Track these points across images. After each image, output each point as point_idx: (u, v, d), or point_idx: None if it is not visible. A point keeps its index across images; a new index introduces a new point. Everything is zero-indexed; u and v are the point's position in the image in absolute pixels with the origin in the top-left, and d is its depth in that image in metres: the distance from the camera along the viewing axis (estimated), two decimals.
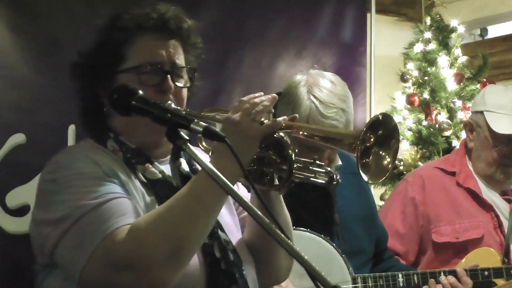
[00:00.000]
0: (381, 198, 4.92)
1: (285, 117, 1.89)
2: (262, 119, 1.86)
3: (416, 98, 5.04)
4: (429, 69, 5.07)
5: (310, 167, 1.92)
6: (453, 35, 5.17)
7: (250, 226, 2.07)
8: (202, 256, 1.90)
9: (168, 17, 2.04)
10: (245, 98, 1.90)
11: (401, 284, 3.04)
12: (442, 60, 5.06)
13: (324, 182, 1.92)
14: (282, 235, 1.54)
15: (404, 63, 5.34)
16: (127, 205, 1.83)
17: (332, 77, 2.82)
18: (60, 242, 1.82)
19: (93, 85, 2.03)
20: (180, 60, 2.05)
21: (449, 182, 3.51)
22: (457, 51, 5.16)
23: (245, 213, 2.11)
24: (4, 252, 3.39)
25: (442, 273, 3.10)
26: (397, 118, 5.03)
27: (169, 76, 2.00)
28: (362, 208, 3.06)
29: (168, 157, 2.08)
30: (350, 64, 4.66)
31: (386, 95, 5.24)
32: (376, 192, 4.84)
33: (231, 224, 2.09)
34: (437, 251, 3.41)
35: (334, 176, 1.90)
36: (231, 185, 1.61)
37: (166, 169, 2.04)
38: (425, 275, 3.09)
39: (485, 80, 5.00)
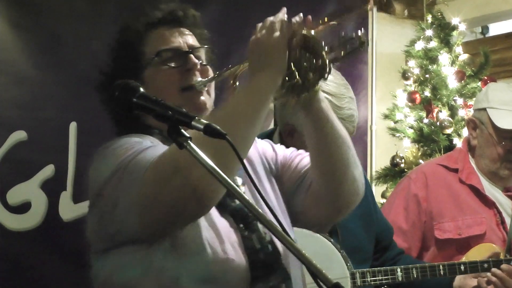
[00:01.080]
0: (383, 196, 4.91)
1: (300, 14, 2.00)
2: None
3: (417, 95, 5.03)
4: (430, 66, 5.06)
5: (338, 44, 1.99)
6: (455, 33, 5.16)
7: (311, 153, 2.06)
8: (244, 248, 1.93)
9: (173, 8, 2.11)
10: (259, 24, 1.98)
11: (400, 279, 3.04)
12: (444, 57, 5.05)
13: (357, 46, 1.99)
14: (282, 232, 1.54)
15: (406, 61, 5.33)
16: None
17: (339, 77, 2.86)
18: (118, 194, 1.84)
19: None
20: (195, 42, 2.11)
21: (451, 179, 3.51)
22: (459, 49, 5.15)
23: (297, 160, 2.14)
24: (5, 249, 3.40)
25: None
26: (398, 116, 5.03)
27: (191, 54, 2.06)
28: (360, 205, 3.03)
29: None
30: (351, 62, 4.66)
31: (387, 92, 5.23)
32: (378, 189, 4.84)
33: (277, 208, 2.09)
34: (440, 247, 3.41)
35: (361, 36, 1.98)
36: (230, 181, 1.62)
37: None
38: (424, 268, 3.09)
39: (486, 78, 4.99)
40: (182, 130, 1.66)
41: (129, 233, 1.87)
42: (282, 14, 1.99)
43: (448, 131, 4.88)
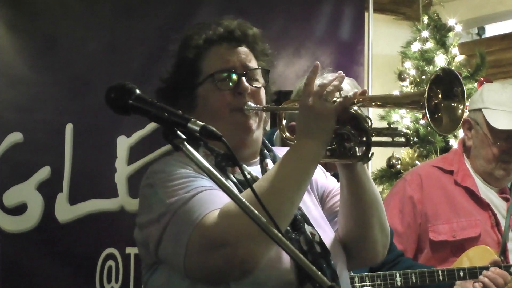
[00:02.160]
0: None
1: (356, 90, 2.02)
2: (334, 98, 1.97)
3: None
4: (426, 68, 5.07)
5: (386, 132, 2.02)
6: (451, 34, 5.18)
7: (342, 208, 2.14)
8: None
9: (233, 27, 2.17)
10: (317, 82, 2.01)
11: (398, 284, 3.04)
12: (440, 59, 5.06)
13: (402, 143, 2.02)
14: (280, 235, 1.54)
15: (402, 62, 5.34)
16: (217, 194, 1.92)
17: (348, 80, 2.86)
18: (162, 238, 1.93)
19: (176, 105, 2.12)
20: (252, 63, 2.16)
21: (447, 181, 3.52)
22: (455, 50, 5.17)
23: (334, 200, 2.21)
24: (1, 251, 3.39)
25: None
26: (394, 117, 5.04)
27: (243, 78, 2.10)
28: None
29: (258, 159, 2.18)
30: (348, 63, 4.66)
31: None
32: None
33: (318, 217, 2.15)
34: (435, 249, 3.41)
35: (410, 136, 2.02)
36: (231, 188, 1.64)
37: (256, 170, 2.14)
38: (423, 274, 3.09)
39: (482, 79, 4.99)
40: (178, 132, 1.67)
41: (174, 269, 1.97)
42: (339, 81, 2.01)
43: None
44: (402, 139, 2.01)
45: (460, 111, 1.94)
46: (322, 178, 2.26)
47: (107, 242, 3.63)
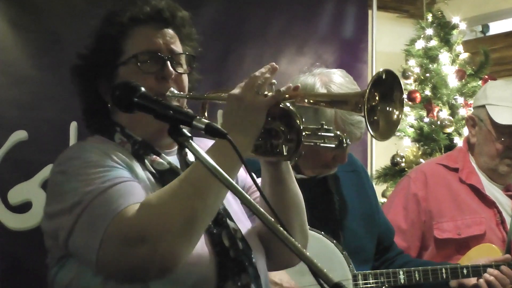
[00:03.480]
0: (383, 195, 4.92)
1: (289, 85, 1.92)
2: (266, 92, 1.88)
3: (417, 94, 5.03)
4: (430, 65, 5.06)
5: (319, 133, 1.93)
6: (455, 32, 5.16)
7: (263, 205, 2.05)
8: (212, 246, 1.91)
9: (162, 7, 2.06)
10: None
11: (402, 281, 3.03)
12: (444, 56, 5.05)
13: (334, 146, 1.94)
14: (285, 232, 1.54)
15: (406, 60, 5.33)
16: (136, 186, 1.86)
17: (339, 72, 2.85)
18: (74, 229, 1.82)
19: (95, 84, 2.05)
20: (178, 47, 2.07)
21: (451, 178, 3.51)
22: (459, 48, 5.16)
23: (254, 196, 2.12)
24: (6, 249, 3.40)
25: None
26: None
27: (168, 62, 2.01)
28: (362, 206, 3.06)
29: (175, 148, 2.10)
30: (351, 61, 4.66)
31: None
32: (378, 188, 4.84)
33: (238, 212, 2.10)
34: (439, 247, 3.41)
35: (344, 139, 1.92)
36: (231, 180, 1.61)
37: (174, 159, 2.06)
38: (426, 272, 3.08)
39: (486, 76, 4.99)
40: (184, 130, 1.67)
41: (84, 263, 1.86)
42: (271, 73, 1.91)
43: (449, 130, 4.89)
44: (335, 142, 1.93)
45: (395, 116, 1.86)
46: (242, 172, 2.12)
47: None
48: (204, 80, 2.23)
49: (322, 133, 1.93)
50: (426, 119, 5.02)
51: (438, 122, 4.91)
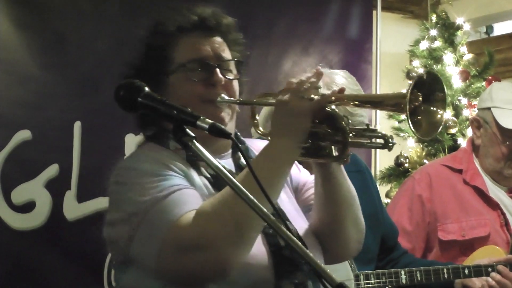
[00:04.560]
0: (387, 196, 4.91)
1: (334, 88, 1.99)
2: (311, 96, 1.92)
3: None
4: (434, 66, 5.05)
5: (365, 133, 1.96)
6: (459, 33, 5.16)
7: (316, 204, 2.11)
8: (268, 246, 1.95)
9: (207, 15, 2.10)
10: (293, 79, 1.97)
11: (404, 281, 3.03)
12: (448, 57, 5.04)
13: (380, 145, 1.95)
14: (288, 232, 1.54)
15: (410, 60, 5.33)
16: (191, 194, 1.89)
17: (342, 73, 2.86)
18: (133, 238, 1.88)
19: None
20: (226, 53, 2.11)
21: (456, 180, 3.50)
22: (463, 49, 5.15)
23: (308, 193, 2.18)
24: (10, 248, 3.40)
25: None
26: (403, 115, 5.02)
27: (217, 69, 2.05)
28: (366, 206, 3.03)
29: (229, 152, 2.13)
30: (356, 61, 4.66)
31: (391, 92, 5.22)
32: (382, 189, 4.83)
33: (292, 211, 2.12)
34: (443, 248, 3.40)
35: (389, 138, 1.94)
36: (235, 181, 1.62)
37: (228, 163, 2.09)
38: (428, 272, 3.08)
39: (491, 77, 4.98)
40: (187, 130, 1.67)
41: (145, 269, 1.92)
42: (317, 77, 1.97)
43: (453, 131, 4.88)
44: (381, 141, 1.94)
45: (439, 115, 1.91)
46: (295, 170, 2.20)
47: None
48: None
49: (368, 134, 1.96)
50: None
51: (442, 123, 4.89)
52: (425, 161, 4.84)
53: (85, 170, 3.58)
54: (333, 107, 1.95)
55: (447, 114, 4.93)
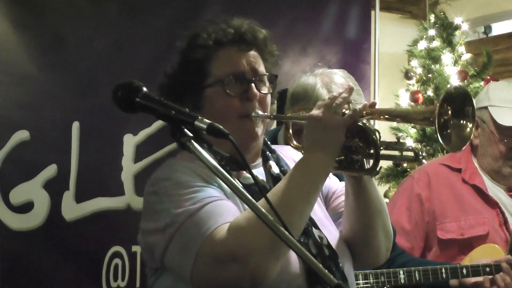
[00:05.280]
0: (385, 195, 4.92)
1: (365, 103, 2.02)
2: (343, 111, 1.98)
3: (420, 95, 5.04)
4: (433, 66, 5.07)
5: (395, 146, 2.01)
6: (457, 33, 5.17)
7: (347, 213, 2.14)
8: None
9: (244, 30, 2.14)
10: (324, 97, 2.06)
11: (402, 281, 3.04)
12: (446, 57, 5.06)
13: (411, 158, 2.02)
14: (286, 233, 1.54)
15: (408, 61, 5.34)
16: (225, 206, 1.93)
17: (341, 73, 2.86)
18: (168, 248, 1.92)
19: (180, 103, 2.09)
20: (261, 68, 2.15)
21: (454, 179, 3.51)
22: (461, 49, 5.16)
23: (338, 201, 2.22)
24: (8, 249, 3.39)
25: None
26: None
27: (253, 84, 2.09)
28: None
29: (260, 160, 2.18)
30: (354, 61, 4.65)
31: (390, 92, 5.24)
32: (380, 189, 4.84)
33: (323, 218, 2.17)
34: (442, 247, 3.41)
35: (419, 151, 2.00)
36: (239, 186, 1.64)
37: (259, 172, 2.14)
38: (426, 271, 3.09)
39: (489, 77, 4.99)
40: (185, 130, 1.67)
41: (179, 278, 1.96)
42: (348, 93, 2.02)
43: None
44: (411, 154, 2.00)
45: (468, 129, 1.95)
46: None
47: (113, 240, 3.64)
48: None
49: (398, 146, 2.02)
50: None
51: None
52: (423, 161, 4.85)
53: (84, 170, 3.58)
54: (365, 121, 2.00)
55: None
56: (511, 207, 3.50)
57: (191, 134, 1.67)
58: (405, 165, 4.96)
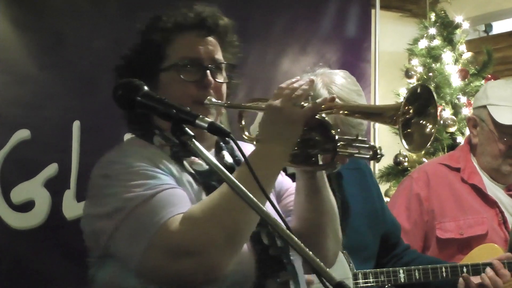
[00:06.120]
0: (386, 194, 4.91)
1: (325, 96, 1.96)
2: (303, 103, 1.92)
3: None
4: (433, 65, 5.07)
5: (354, 144, 1.96)
6: (458, 31, 5.17)
7: (297, 213, 2.11)
8: (251, 244, 1.94)
9: (205, 15, 2.11)
10: (283, 85, 1.96)
11: (402, 280, 3.04)
12: (447, 56, 5.05)
13: (368, 156, 1.95)
14: (288, 232, 1.54)
15: (409, 59, 5.33)
16: (179, 195, 1.89)
17: (342, 73, 2.85)
18: (115, 234, 1.87)
19: None
20: (219, 56, 2.12)
21: (453, 178, 3.51)
22: (462, 47, 5.16)
23: (288, 199, 2.17)
24: (9, 248, 3.39)
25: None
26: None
27: (208, 71, 2.06)
28: (365, 204, 3.06)
29: (213, 150, 2.14)
30: (354, 60, 4.65)
31: (390, 91, 5.23)
32: (381, 188, 4.84)
33: (273, 214, 2.10)
34: (441, 247, 3.41)
35: (378, 150, 1.94)
36: (238, 182, 1.62)
37: None
38: (426, 270, 3.09)
39: (489, 76, 4.99)
40: (186, 129, 1.67)
41: (125, 266, 1.90)
42: (309, 85, 1.96)
43: (452, 129, 4.89)
44: (370, 152, 1.94)
45: (428, 129, 1.90)
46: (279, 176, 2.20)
47: None
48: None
49: (357, 144, 1.96)
50: None
51: (441, 122, 4.90)
52: (423, 159, 4.85)
53: (84, 169, 3.57)
54: (324, 115, 1.94)
55: (446, 113, 4.93)
56: (510, 206, 3.50)
57: (192, 133, 1.67)
58: (405, 164, 4.96)
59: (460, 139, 4.86)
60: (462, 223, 3.41)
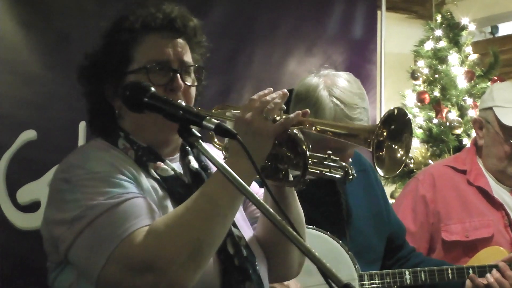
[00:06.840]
0: (392, 196, 4.91)
1: (298, 111, 1.89)
2: (275, 117, 1.86)
3: (426, 95, 5.03)
4: (439, 66, 5.06)
5: (325, 162, 1.92)
6: (464, 33, 5.16)
7: (263, 221, 2.07)
8: (216, 254, 1.89)
9: (174, 16, 2.03)
10: (255, 96, 1.89)
11: (408, 281, 3.03)
12: (453, 57, 5.05)
13: (339, 176, 1.92)
14: (294, 233, 1.54)
15: (415, 61, 5.33)
16: (143, 206, 1.83)
17: (346, 76, 2.83)
18: (75, 243, 1.81)
19: (101, 87, 2.03)
20: (188, 58, 2.04)
21: (459, 180, 3.50)
22: (468, 49, 5.15)
23: (254, 207, 2.12)
24: (15, 248, 3.40)
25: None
26: None
27: (178, 74, 1.98)
28: (371, 205, 3.05)
29: (177, 155, 2.08)
30: (360, 62, 4.65)
31: (396, 92, 5.23)
32: (386, 189, 4.82)
33: (240, 219, 2.09)
34: (447, 249, 3.40)
35: (350, 170, 1.91)
36: (243, 183, 1.61)
37: (177, 166, 2.04)
38: (432, 272, 3.08)
39: (496, 77, 4.98)
40: (193, 130, 1.67)
41: (83, 275, 1.86)
42: (281, 98, 1.89)
43: (458, 131, 4.88)
44: (340, 173, 1.91)
45: (399, 154, 1.86)
46: None
47: None
48: (213, 81, 2.23)
49: (329, 163, 1.92)
50: (435, 120, 5.01)
51: (447, 123, 4.90)
52: (429, 161, 4.85)
53: None
54: (295, 130, 1.89)
55: (452, 115, 4.93)
56: None
57: (199, 134, 1.67)
58: (411, 165, 4.95)
59: (466, 141, 4.85)
60: (468, 226, 3.41)
